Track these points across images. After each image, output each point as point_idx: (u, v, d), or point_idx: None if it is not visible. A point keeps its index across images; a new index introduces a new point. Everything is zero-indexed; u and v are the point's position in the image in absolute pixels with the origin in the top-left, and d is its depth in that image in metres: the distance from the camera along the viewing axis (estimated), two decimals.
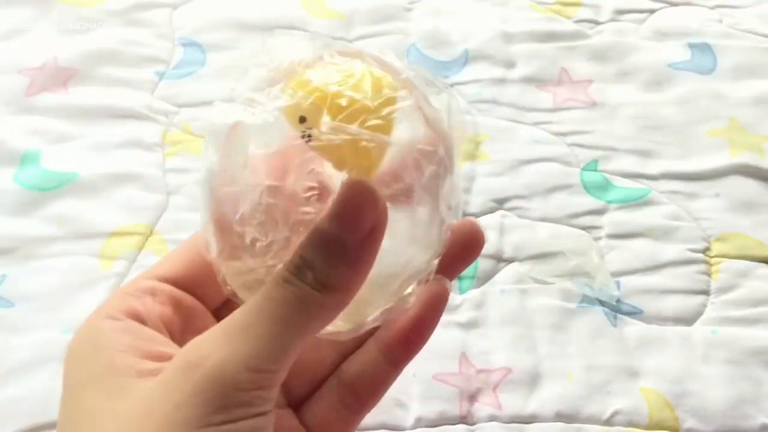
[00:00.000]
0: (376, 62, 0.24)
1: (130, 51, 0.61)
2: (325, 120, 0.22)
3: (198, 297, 0.27)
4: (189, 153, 0.55)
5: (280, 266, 0.23)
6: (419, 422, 0.44)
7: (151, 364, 0.23)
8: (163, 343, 0.25)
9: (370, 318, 0.25)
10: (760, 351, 0.46)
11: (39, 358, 0.45)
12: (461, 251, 0.27)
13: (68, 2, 0.64)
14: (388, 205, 0.23)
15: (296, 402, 0.28)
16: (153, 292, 0.26)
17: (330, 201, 0.23)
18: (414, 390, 0.45)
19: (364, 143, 0.22)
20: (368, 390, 0.28)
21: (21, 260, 0.49)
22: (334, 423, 0.28)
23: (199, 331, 0.25)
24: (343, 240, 0.22)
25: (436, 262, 0.25)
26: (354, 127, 0.22)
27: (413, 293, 0.25)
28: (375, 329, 0.27)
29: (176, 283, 0.27)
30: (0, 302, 0.47)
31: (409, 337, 0.27)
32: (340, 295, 0.23)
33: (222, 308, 0.28)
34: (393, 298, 0.25)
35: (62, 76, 0.59)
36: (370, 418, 0.44)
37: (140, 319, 0.25)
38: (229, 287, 0.25)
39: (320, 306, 0.22)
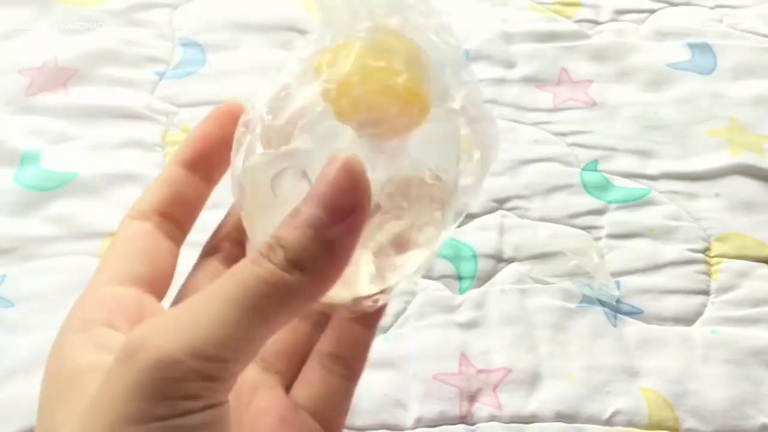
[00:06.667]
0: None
1: (130, 51, 0.61)
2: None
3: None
4: None
5: None
6: (419, 422, 0.44)
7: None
8: None
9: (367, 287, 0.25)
10: (760, 351, 0.46)
11: (39, 358, 0.44)
12: None
13: (68, 2, 0.64)
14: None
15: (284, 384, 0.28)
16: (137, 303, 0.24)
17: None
18: (414, 390, 0.45)
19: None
20: (354, 355, 0.28)
21: (21, 260, 0.49)
22: (329, 395, 0.27)
23: None
24: (321, 218, 0.20)
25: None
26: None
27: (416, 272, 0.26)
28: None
29: (151, 283, 0.25)
30: (0, 302, 0.47)
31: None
32: (314, 279, 0.20)
33: None
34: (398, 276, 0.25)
35: (62, 76, 0.59)
36: (370, 417, 0.44)
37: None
38: None
39: (289, 289, 0.20)
